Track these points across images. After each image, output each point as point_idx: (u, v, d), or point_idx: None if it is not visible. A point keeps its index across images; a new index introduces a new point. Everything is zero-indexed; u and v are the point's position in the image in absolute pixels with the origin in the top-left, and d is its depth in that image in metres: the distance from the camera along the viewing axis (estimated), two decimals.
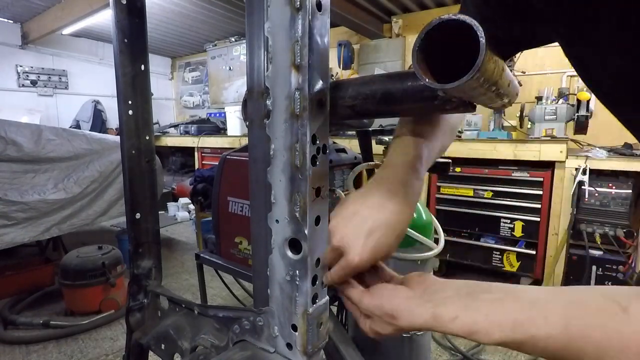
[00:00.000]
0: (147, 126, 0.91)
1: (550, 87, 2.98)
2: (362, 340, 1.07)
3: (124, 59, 0.83)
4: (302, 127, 0.44)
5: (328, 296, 0.53)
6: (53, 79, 5.51)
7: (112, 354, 2.03)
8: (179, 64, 6.94)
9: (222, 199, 1.38)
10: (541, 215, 2.57)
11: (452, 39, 0.41)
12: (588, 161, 2.37)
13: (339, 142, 1.51)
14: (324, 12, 0.45)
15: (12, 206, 2.35)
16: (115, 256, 2.51)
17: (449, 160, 0.98)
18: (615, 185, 2.35)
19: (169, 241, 4.01)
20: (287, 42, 0.44)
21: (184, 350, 0.74)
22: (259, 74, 0.49)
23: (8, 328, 2.24)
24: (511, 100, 0.53)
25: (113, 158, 2.94)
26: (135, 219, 0.92)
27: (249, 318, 0.56)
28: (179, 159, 5.62)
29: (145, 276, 0.94)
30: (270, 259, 0.50)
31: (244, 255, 1.34)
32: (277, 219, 0.48)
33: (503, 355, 2.03)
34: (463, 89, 0.40)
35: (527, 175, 2.61)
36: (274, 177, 0.47)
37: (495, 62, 0.42)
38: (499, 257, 2.77)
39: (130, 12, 0.81)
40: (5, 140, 2.35)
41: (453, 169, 2.87)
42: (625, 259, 2.32)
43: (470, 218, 2.84)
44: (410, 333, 1.01)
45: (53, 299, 2.58)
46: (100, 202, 2.89)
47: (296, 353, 0.50)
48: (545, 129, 2.75)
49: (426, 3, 3.98)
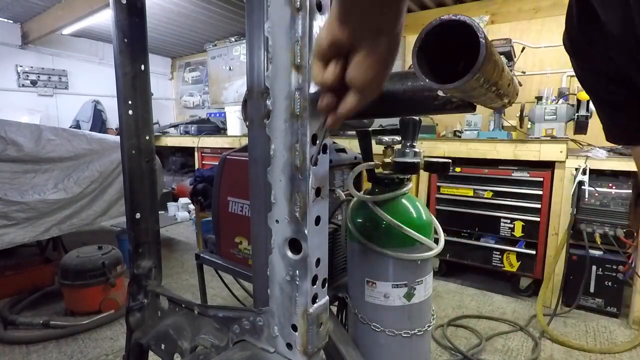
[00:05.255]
0: (147, 126, 0.91)
1: (550, 87, 2.98)
2: (362, 340, 1.07)
3: (124, 59, 0.83)
4: (302, 127, 0.44)
5: (328, 296, 0.53)
6: (53, 79, 5.50)
7: (112, 354, 2.03)
8: (179, 64, 6.94)
9: (222, 199, 1.38)
10: (541, 215, 2.57)
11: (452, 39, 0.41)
12: (588, 161, 2.37)
13: (339, 142, 1.51)
14: (324, 12, 0.45)
15: (12, 206, 2.35)
16: (115, 256, 2.51)
17: (449, 160, 0.98)
18: (615, 185, 2.35)
19: (169, 241, 4.01)
20: (287, 42, 0.44)
21: (184, 350, 0.74)
22: (259, 74, 0.49)
23: (8, 328, 2.24)
24: (511, 100, 0.53)
25: (113, 158, 2.94)
26: (135, 219, 0.92)
27: (249, 318, 0.56)
28: (179, 159, 5.62)
29: (145, 276, 0.94)
30: (270, 259, 0.50)
31: (244, 255, 1.34)
32: (277, 219, 0.48)
33: (503, 355, 2.03)
34: (463, 89, 0.40)
35: (527, 175, 2.61)
36: (274, 177, 0.47)
37: (495, 62, 0.42)
38: (499, 257, 2.77)
39: (130, 12, 0.81)
40: (5, 140, 2.35)
41: (453, 169, 2.87)
42: (625, 259, 2.32)
43: (470, 218, 2.84)
44: (410, 333, 1.01)
45: (53, 299, 2.58)
46: (100, 202, 2.89)
47: (296, 353, 0.50)
48: (545, 129, 2.75)
49: (426, 3, 3.98)
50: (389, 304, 1.01)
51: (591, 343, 2.14)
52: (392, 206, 1.01)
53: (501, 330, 2.26)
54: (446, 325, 2.30)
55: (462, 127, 3.23)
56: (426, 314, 1.07)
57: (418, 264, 1.00)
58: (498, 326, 2.33)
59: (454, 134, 3.33)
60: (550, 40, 3.43)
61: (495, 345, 2.13)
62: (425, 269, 1.03)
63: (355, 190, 1.03)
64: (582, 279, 2.36)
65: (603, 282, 2.40)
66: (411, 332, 1.02)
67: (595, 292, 2.43)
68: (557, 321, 2.36)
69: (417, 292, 1.01)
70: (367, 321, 1.03)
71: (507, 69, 0.47)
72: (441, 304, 2.61)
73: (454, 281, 2.97)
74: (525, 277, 2.72)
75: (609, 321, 2.37)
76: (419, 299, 1.02)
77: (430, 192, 3.02)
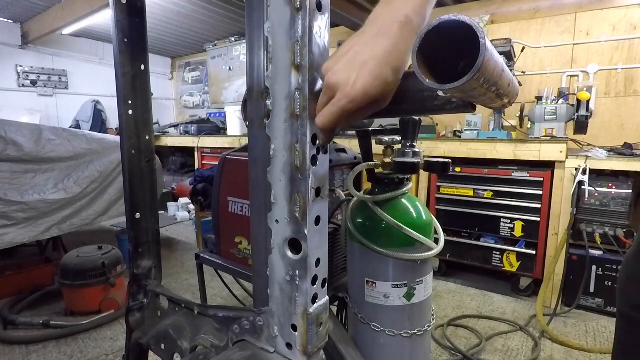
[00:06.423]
0: (147, 126, 0.91)
1: (550, 87, 2.98)
2: (362, 340, 1.07)
3: (124, 59, 0.83)
4: (302, 127, 0.44)
5: (328, 296, 0.53)
6: (53, 79, 5.50)
7: (112, 354, 2.03)
8: (179, 64, 6.94)
9: (222, 199, 1.38)
10: (541, 215, 2.57)
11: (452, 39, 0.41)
12: (588, 161, 2.37)
13: (339, 142, 1.51)
14: (324, 12, 0.45)
15: (12, 206, 2.35)
16: (115, 256, 2.51)
17: (449, 160, 0.98)
18: (615, 185, 2.35)
19: (169, 241, 4.01)
20: (287, 42, 0.44)
21: (184, 350, 0.74)
22: (259, 74, 0.49)
23: (8, 328, 2.24)
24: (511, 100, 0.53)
25: (113, 158, 2.94)
26: (135, 219, 0.92)
27: (249, 318, 0.56)
28: (179, 159, 5.62)
29: (145, 276, 0.94)
30: (270, 259, 0.50)
31: (244, 255, 1.34)
32: (277, 219, 0.48)
33: (503, 355, 2.03)
34: (463, 89, 0.40)
35: (527, 175, 2.61)
36: (274, 177, 0.47)
37: (495, 62, 0.42)
38: (498, 257, 2.77)
39: (130, 12, 0.81)
40: (5, 140, 2.35)
41: (453, 169, 2.87)
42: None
43: (470, 218, 2.84)
44: (410, 333, 1.01)
45: (53, 299, 2.58)
46: (100, 202, 2.89)
47: (296, 353, 0.50)
48: (545, 129, 2.75)
49: None
50: (389, 304, 1.00)
51: (591, 343, 2.14)
52: (392, 206, 1.01)
53: (501, 330, 2.26)
54: (446, 325, 2.30)
55: (462, 127, 3.23)
56: (426, 314, 1.07)
57: (418, 264, 1.00)
58: (498, 326, 2.33)
59: (454, 134, 3.33)
60: (550, 40, 3.43)
61: (495, 345, 2.13)
62: (425, 269, 1.03)
63: (355, 190, 1.02)
64: (582, 279, 2.36)
65: (603, 282, 2.40)
66: (411, 332, 1.02)
67: (595, 292, 2.43)
68: (557, 321, 2.36)
69: (417, 292, 1.01)
70: (367, 321, 1.03)
71: (507, 69, 0.47)
72: (441, 304, 2.61)
73: (454, 281, 2.97)
74: (525, 277, 2.72)
75: (609, 321, 2.37)
76: (419, 299, 1.02)
77: (430, 192, 3.02)
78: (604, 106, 3.22)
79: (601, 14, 3.23)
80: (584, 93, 2.58)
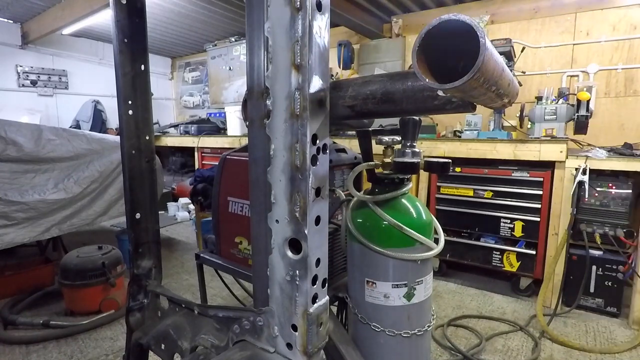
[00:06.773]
0: (147, 126, 0.91)
1: (550, 87, 2.98)
2: (362, 340, 1.07)
3: (124, 59, 0.83)
4: (302, 127, 0.44)
5: (328, 296, 0.53)
6: (53, 79, 5.51)
7: (112, 354, 2.03)
8: (179, 64, 6.94)
9: (222, 199, 1.38)
10: (541, 215, 2.57)
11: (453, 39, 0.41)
12: (588, 161, 2.37)
13: (339, 142, 1.51)
14: (324, 12, 0.45)
15: (12, 206, 2.34)
16: (115, 256, 2.51)
17: (449, 160, 0.98)
18: (615, 185, 2.35)
19: (169, 241, 4.01)
20: (287, 42, 0.44)
21: (184, 350, 0.74)
22: (259, 74, 0.49)
23: (8, 328, 2.24)
24: (511, 100, 0.53)
25: (113, 158, 2.93)
26: (135, 219, 0.92)
27: (249, 318, 0.56)
28: (179, 159, 5.62)
29: (145, 276, 0.94)
30: (270, 259, 0.50)
31: (244, 255, 1.34)
32: (277, 219, 0.48)
33: (503, 355, 2.03)
34: (463, 89, 0.40)
35: (527, 175, 2.61)
36: (274, 177, 0.47)
37: (495, 62, 0.42)
38: (499, 257, 2.77)
39: (130, 12, 0.81)
40: (5, 140, 2.35)
41: (453, 169, 2.87)
42: (625, 259, 2.32)
43: (470, 218, 2.84)
44: (410, 333, 1.01)
45: (53, 299, 2.58)
46: (100, 202, 2.89)
47: (296, 353, 0.50)
48: (545, 129, 2.75)
49: (426, 3, 3.98)
50: (389, 304, 1.01)
51: (591, 343, 2.14)
52: (392, 206, 1.01)
53: (501, 330, 2.26)
54: (446, 325, 2.30)
55: (462, 127, 3.23)
56: (426, 314, 1.07)
57: (418, 264, 1.00)
58: (498, 326, 2.33)
59: (454, 134, 3.33)
60: (550, 40, 3.43)
61: (495, 345, 2.13)
62: (425, 269, 1.03)
63: (355, 190, 1.03)
64: (582, 279, 2.36)
65: (603, 282, 2.40)
66: (411, 332, 1.02)
67: (595, 292, 2.43)
68: (557, 321, 2.36)
69: (417, 292, 1.01)
70: (367, 321, 1.03)
71: (507, 69, 0.47)
72: (441, 304, 2.61)
73: (454, 281, 2.97)
74: (525, 277, 2.72)
75: (609, 321, 2.37)
76: (419, 299, 1.02)
77: (430, 192, 3.02)
78: (604, 106, 3.22)
79: (601, 14, 3.23)
80: (584, 93, 2.58)
